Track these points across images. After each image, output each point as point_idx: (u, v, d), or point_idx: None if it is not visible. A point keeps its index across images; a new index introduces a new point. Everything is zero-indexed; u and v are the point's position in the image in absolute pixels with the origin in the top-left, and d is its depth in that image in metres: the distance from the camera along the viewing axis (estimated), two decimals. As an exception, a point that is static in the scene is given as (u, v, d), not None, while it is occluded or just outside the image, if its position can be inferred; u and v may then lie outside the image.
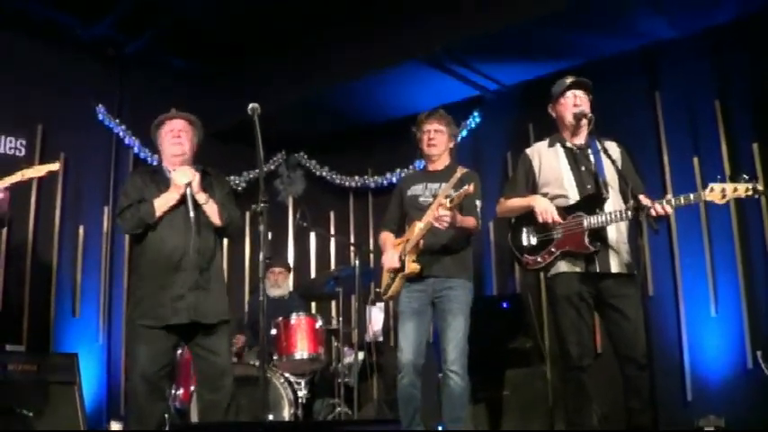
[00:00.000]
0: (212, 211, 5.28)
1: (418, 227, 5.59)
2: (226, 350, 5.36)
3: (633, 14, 6.87)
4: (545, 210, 5.05)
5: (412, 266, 5.62)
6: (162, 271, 5.16)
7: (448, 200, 5.28)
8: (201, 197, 5.23)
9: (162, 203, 5.19)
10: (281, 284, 8.43)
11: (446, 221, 5.34)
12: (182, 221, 5.19)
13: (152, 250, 5.21)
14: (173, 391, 7.02)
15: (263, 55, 9.05)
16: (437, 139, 5.86)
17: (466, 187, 5.23)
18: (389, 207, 6.17)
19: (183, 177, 5.18)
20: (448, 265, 5.66)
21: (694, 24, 7.06)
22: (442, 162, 5.92)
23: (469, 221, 5.59)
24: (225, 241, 5.86)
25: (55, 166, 5.60)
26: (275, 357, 7.38)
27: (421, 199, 5.78)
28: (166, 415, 5.61)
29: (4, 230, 7.49)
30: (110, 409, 8.02)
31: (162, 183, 5.31)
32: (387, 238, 6.07)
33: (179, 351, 6.82)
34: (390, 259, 5.84)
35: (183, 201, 5.18)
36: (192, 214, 5.09)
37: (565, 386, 5.12)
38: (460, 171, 5.57)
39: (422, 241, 5.60)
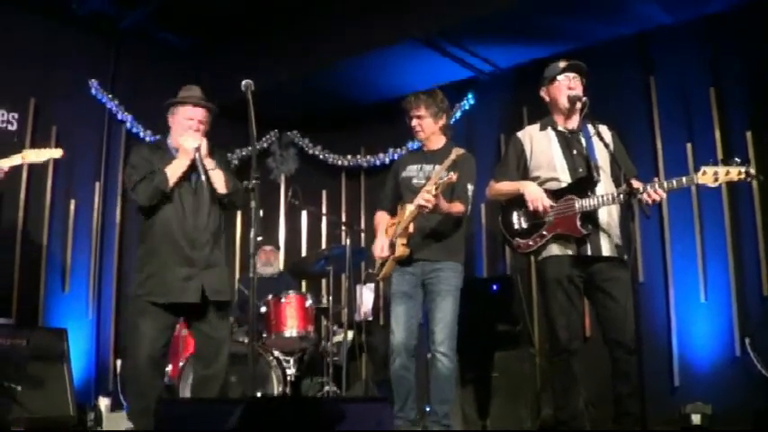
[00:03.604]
0: (219, 178, 5.32)
1: (408, 210, 5.60)
2: (226, 327, 5.45)
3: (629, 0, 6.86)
4: (536, 198, 5.04)
5: (401, 250, 5.63)
6: (173, 247, 5.20)
7: (433, 187, 5.30)
8: (210, 162, 5.29)
9: (174, 170, 5.22)
10: (272, 262, 8.47)
11: (428, 208, 5.37)
12: (191, 199, 5.27)
13: (163, 226, 5.24)
14: (162, 367, 7.04)
15: (258, 33, 9.02)
16: (420, 125, 5.86)
17: (450, 176, 5.29)
18: (385, 186, 6.18)
19: (193, 141, 5.22)
20: (438, 249, 5.66)
21: (690, 11, 7.05)
22: (435, 142, 5.90)
23: (457, 207, 5.58)
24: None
25: (58, 153, 5.56)
26: (264, 335, 7.39)
27: (414, 181, 5.77)
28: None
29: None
30: (98, 385, 8.03)
31: (167, 157, 5.34)
32: (381, 219, 6.06)
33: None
34: (380, 247, 5.86)
35: (193, 167, 5.22)
36: (203, 177, 5.15)
37: (553, 369, 5.13)
38: (455, 153, 5.55)
39: (412, 225, 5.60)
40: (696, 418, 6.38)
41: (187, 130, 5.32)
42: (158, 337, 5.16)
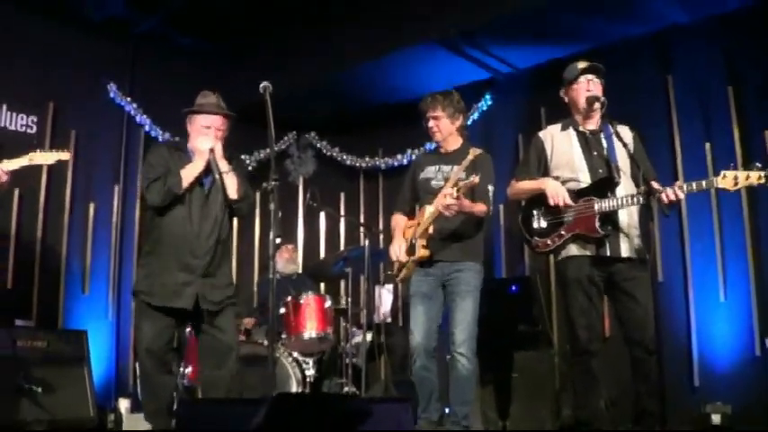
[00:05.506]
0: (232, 181, 5.34)
1: (428, 211, 5.57)
2: (231, 328, 5.45)
3: (646, -1, 6.85)
4: (556, 193, 5.04)
5: (422, 252, 5.61)
6: (174, 251, 5.24)
7: (455, 189, 5.27)
8: (224, 165, 5.32)
9: (188, 173, 5.26)
10: (294, 260, 8.58)
11: (453, 210, 5.34)
12: (200, 204, 5.31)
13: (168, 228, 5.28)
14: (181, 369, 7.06)
15: (275, 35, 9.03)
16: (437, 126, 5.81)
17: (473, 178, 5.23)
18: (402, 188, 6.14)
19: (207, 143, 5.27)
20: (458, 250, 5.63)
21: (707, 9, 7.03)
22: (452, 143, 5.86)
23: (479, 207, 5.55)
24: (234, 222, 5.84)
25: (66, 156, 5.58)
26: (284, 336, 7.40)
27: (433, 182, 5.74)
28: (174, 393, 5.67)
29: (15, 206, 7.54)
30: (118, 387, 8.06)
31: (185, 159, 5.38)
32: (398, 221, 6.02)
33: (187, 329, 6.86)
34: (397, 250, 5.82)
35: (208, 169, 5.27)
36: (216, 177, 5.22)
37: (573, 370, 5.13)
38: (473, 153, 5.54)
39: (432, 226, 5.59)
40: (716, 418, 6.35)
41: (204, 138, 5.34)
42: (158, 335, 5.24)
